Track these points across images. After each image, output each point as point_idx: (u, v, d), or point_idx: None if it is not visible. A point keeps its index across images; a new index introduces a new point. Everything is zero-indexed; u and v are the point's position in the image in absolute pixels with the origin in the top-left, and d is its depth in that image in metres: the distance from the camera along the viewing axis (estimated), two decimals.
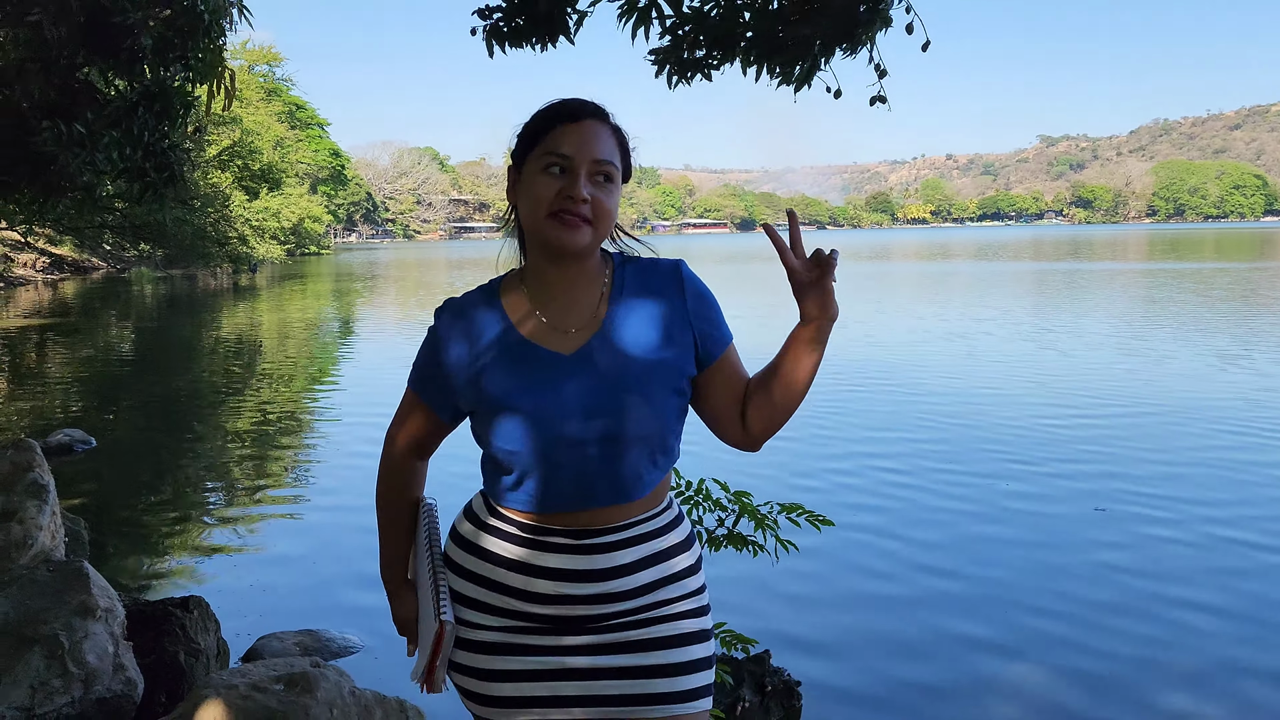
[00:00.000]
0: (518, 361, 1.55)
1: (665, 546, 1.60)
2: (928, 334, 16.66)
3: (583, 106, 1.58)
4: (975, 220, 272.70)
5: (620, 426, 1.52)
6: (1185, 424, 8.97)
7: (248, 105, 37.56)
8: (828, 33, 3.45)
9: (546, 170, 1.53)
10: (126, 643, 3.11)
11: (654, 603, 1.58)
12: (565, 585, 1.54)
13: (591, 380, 1.52)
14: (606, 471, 1.53)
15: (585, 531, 1.55)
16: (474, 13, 3.71)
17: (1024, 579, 5.29)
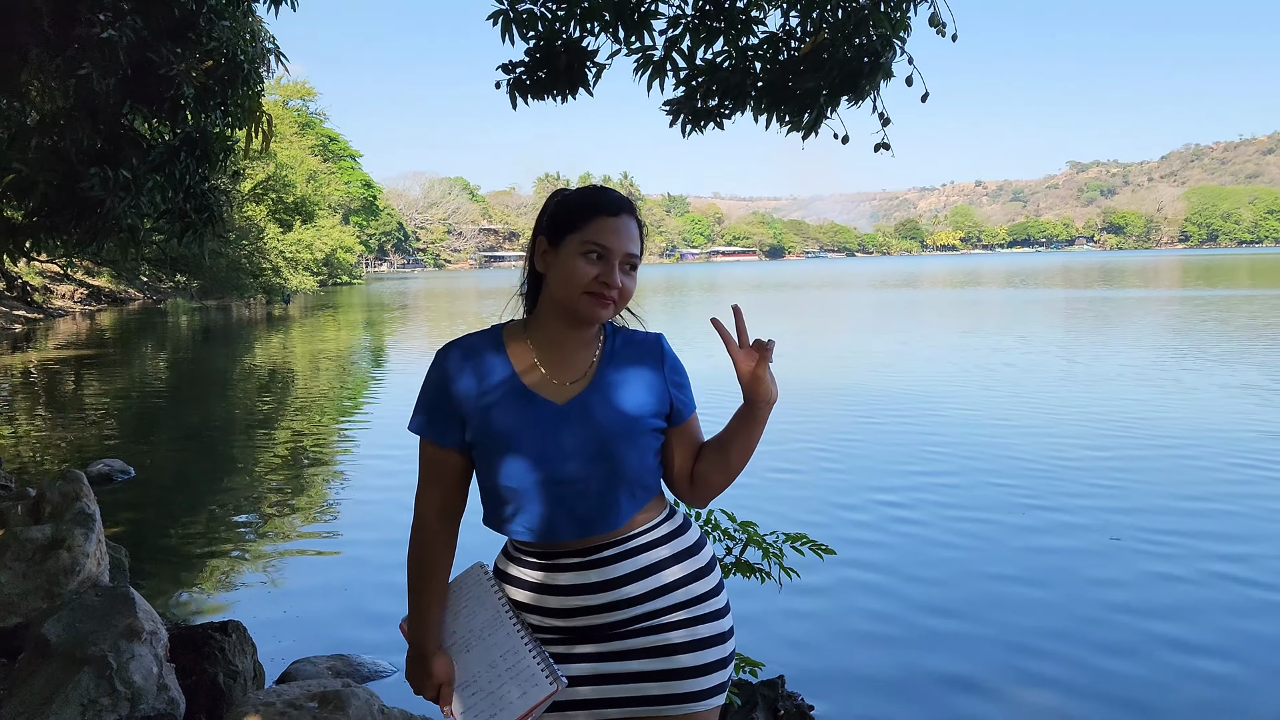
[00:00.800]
0: (520, 406, 1.77)
1: (668, 554, 1.80)
2: (950, 363, 16.70)
3: (620, 203, 1.82)
4: (1005, 247, 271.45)
5: (604, 469, 1.75)
6: (1207, 457, 8.98)
7: (282, 140, 38.42)
8: (833, 83, 3.63)
9: (586, 255, 1.76)
10: (169, 664, 3.29)
11: (664, 607, 1.77)
12: (578, 598, 1.75)
13: (582, 428, 1.76)
14: (592, 506, 1.75)
15: (587, 550, 1.76)
16: (499, 67, 3.91)
17: (1040, 613, 5.36)
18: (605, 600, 1.75)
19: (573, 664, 1.78)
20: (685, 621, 1.78)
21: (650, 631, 1.76)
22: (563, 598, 1.77)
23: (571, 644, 1.78)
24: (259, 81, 6.15)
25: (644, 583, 1.76)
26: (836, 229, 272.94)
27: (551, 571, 1.78)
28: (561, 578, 1.77)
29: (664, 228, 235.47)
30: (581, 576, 1.75)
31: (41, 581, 3.91)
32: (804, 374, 16.09)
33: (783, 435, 10.54)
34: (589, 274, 1.75)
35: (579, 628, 1.77)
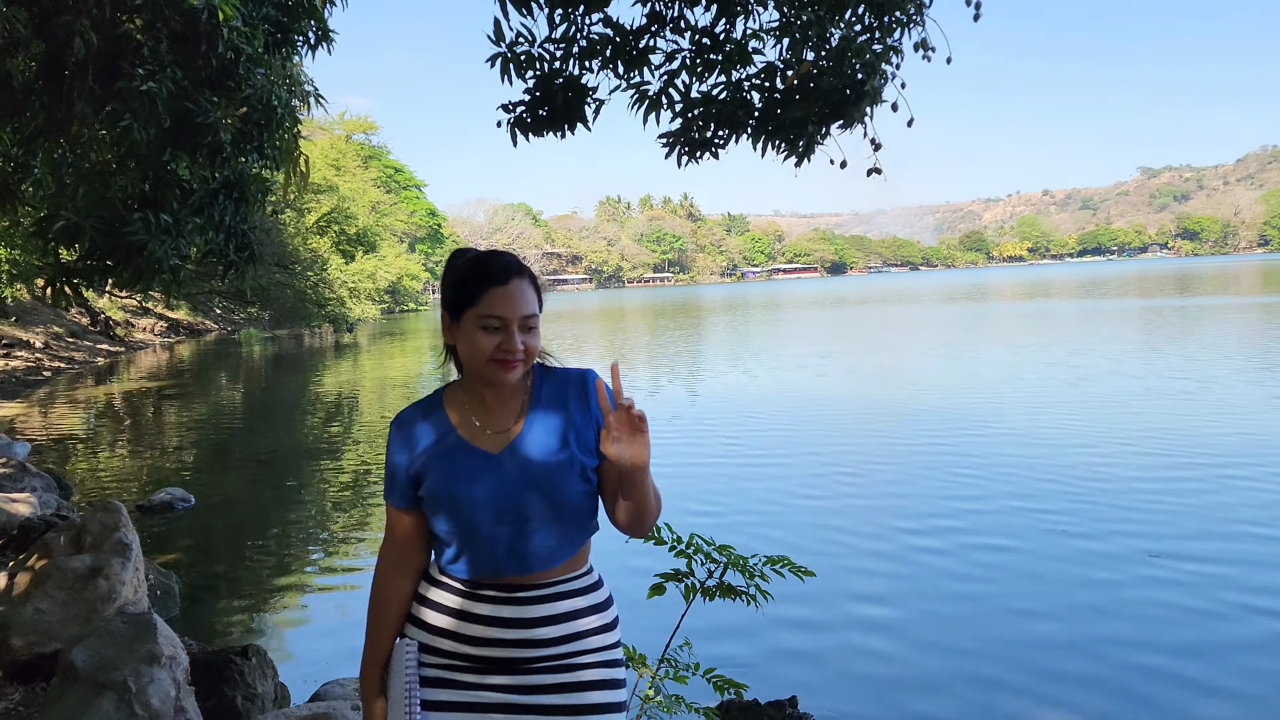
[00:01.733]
0: (455, 458, 1.89)
1: (582, 606, 1.92)
2: (1011, 379, 16.45)
3: (509, 269, 1.89)
4: (1075, 256, 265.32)
5: (535, 511, 1.86)
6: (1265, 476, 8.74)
7: (344, 173, 39.45)
8: (821, 112, 3.69)
9: (484, 329, 1.84)
10: (189, 687, 3.45)
11: (569, 652, 1.89)
12: (494, 630, 1.87)
13: (513, 474, 1.87)
14: (524, 548, 1.87)
15: (511, 586, 1.88)
16: (499, 107, 4.05)
17: (1072, 628, 5.30)
18: (519, 637, 1.86)
19: (484, 692, 1.87)
20: (595, 664, 1.90)
21: (562, 670, 1.88)
22: (479, 627, 1.87)
23: (484, 674, 1.88)
24: (294, 124, 6.39)
25: (557, 628, 1.87)
26: (899, 243, 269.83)
27: (472, 600, 1.88)
28: (480, 608, 1.87)
29: (724, 247, 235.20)
30: (499, 610, 1.86)
31: (80, 609, 4.12)
32: (848, 392, 16.00)
33: (807, 455, 10.53)
34: (490, 344, 1.83)
35: (491, 658, 1.87)
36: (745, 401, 15.26)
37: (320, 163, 34.13)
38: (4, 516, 6.53)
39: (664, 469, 9.71)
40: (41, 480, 8.63)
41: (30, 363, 25.22)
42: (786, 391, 16.22)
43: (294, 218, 30.87)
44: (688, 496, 8.59)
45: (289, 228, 30.41)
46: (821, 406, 14.32)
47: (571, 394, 1.94)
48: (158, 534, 8.17)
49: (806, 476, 9.41)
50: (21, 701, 3.96)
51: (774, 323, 39.74)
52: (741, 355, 24.48)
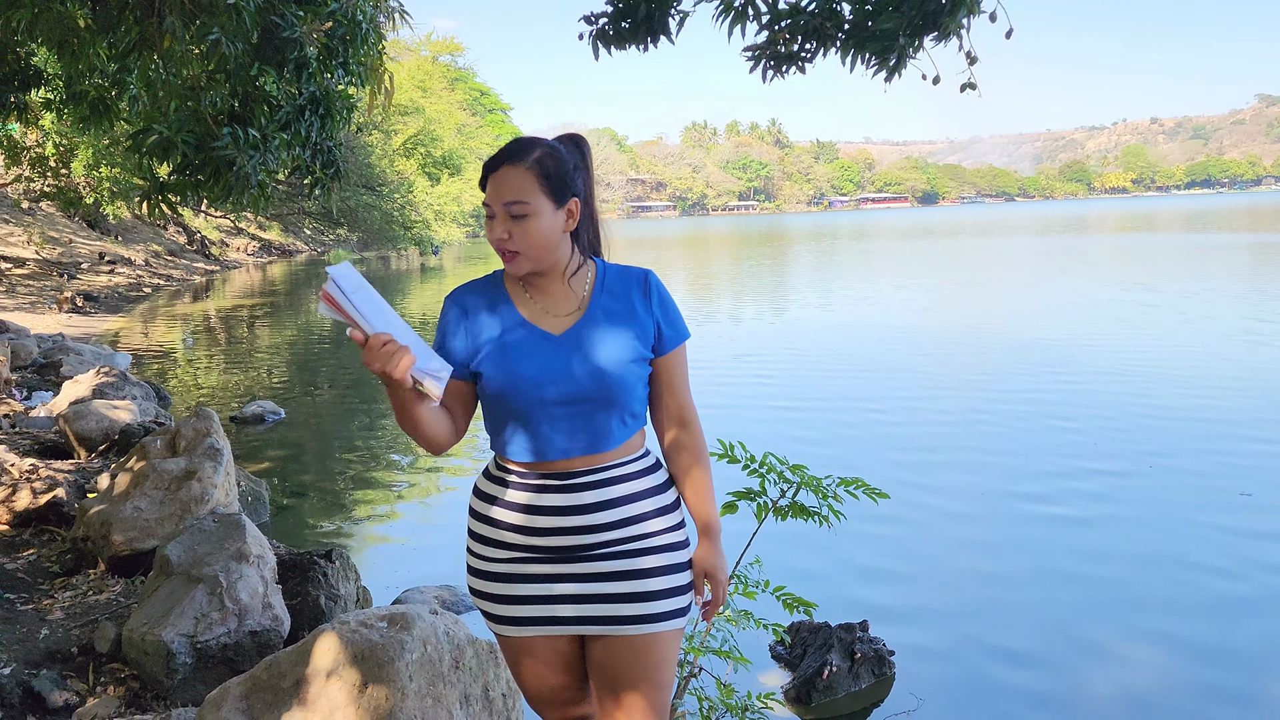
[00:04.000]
0: (519, 337, 1.92)
1: (643, 488, 1.96)
2: (1095, 308, 15.91)
3: (500, 156, 1.91)
4: (1182, 189, 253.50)
5: (592, 391, 1.89)
6: None
7: (430, 95, 39.52)
8: (914, 23, 3.54)
9: (488, 218, 1.91)
10: (276, 585, 3.59)
11: (636, 535, 1.93)
12: (554, 519, 1.91)
13: (576, 356, 1.91)
14: (585, 428, 1.91)
15: (570, 473, 1.92)
16: (581, 19, 3.97)
17: (1147, 564, 5.17)
18: (578, 523, 1.90)
19: (555, 584, 1.93)
20: (656, 549, 1.93)
21: (625, 555, 1.92)
22: (540, 517, 1.91)
23: (554, 563, 1.93)
24: (379, 40, 6.39)
25: (616, 511, 1.91)
26: (995, 173, 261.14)
27: (532, 492, 1.92)
28: (544, 498, 1.91)
29: (811, 175, 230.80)
30: (559, 499, 1.91)
31: (175, 509, 4.31)
32: (930, 326, 15.68)
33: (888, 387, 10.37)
34: (492, 232, 1.90)
35: (559, 547, 1.91)
36: (822, 334, 15.08)
37: (406, 84, 34.25)
38: (107, 422, 6.84)
39: (738, 397, 9.68)
40: (141, 390, 9.00)
41: (131, 279, 26.22)
42: (866, 325, 15.96)
43: (381, 139, 31.16)
44: (763, 421, 8.56)
45: (376, 149, 30.73)
46: (903, 340, 14.06)
47: (635, 288, 1.98)
48: (249, 444, 8.49)
49: (886, 409, 9.29)
50: (122, 593, 4.18)
51: (858, 253, 39.01)
52: (822, 287, 24.15)
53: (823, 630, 4.08)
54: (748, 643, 3.47)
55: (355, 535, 6.29)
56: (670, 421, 2.02)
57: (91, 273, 25.21)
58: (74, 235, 29.67)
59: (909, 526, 5.84)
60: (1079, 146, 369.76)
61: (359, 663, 2.55)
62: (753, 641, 3.87)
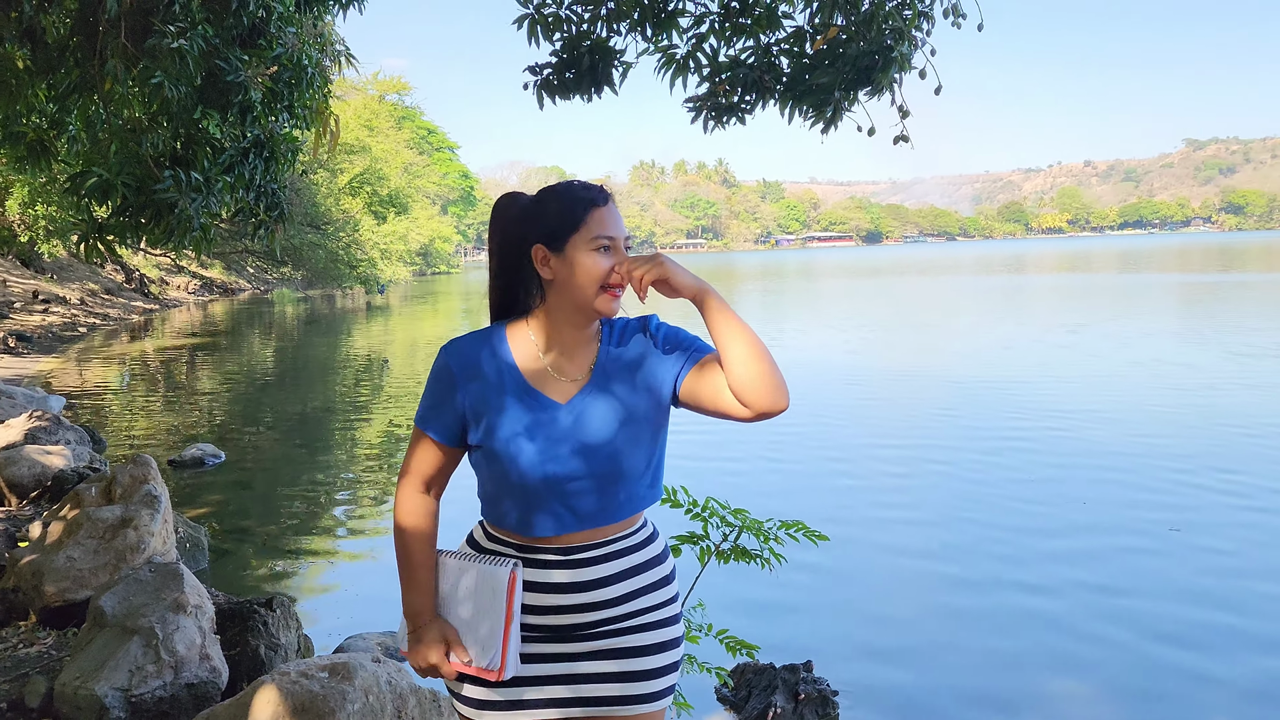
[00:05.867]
0: (524, 404, 1.80)
1: (641, 560, 1.86)
2: (1033, 346, 16.29)
3: (604, 190, 1.84)
4: (1115, 229, 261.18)
5: (605, 465, 1.79)
6: None
7: (377, 133, 39.47)
8: (849, 78, 3.66)
9: (597, 251, 1.77)
10: (214, 636, 3.54)
11: (632, 611, 1.84)
12: (551, 597, 1.80)
13: (585, 429, 1.79)
14: (592, 503, 1.80)
15: (570, 549, 1.81)
16: (525, 69, 4.04)
17: (1084, 594, 5.29)
18: (576, 602, 1.80)
19: (544, 664, 1.83)
20: (648, 625, 1.85)
21: (617, 634, 1.83)
22: (536, 595, 1.80)
23: (545, 643, 1.83)
24: (325, 84, 6.41)
25: (616, 587, 1.82)
26: (937, 213, 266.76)
27: (534, 568, 1.81)
28: (544, 574, 1.80)
29: (758, 214, 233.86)
30: (563, 575, 1.80)
31: (110, 558, 4.23)
32: (876, 364, 15.93)
33: (826, 424, 10.51)
34: (604, 267, 1.77)
35: (553, 626, 1.82)
36: None
37: (353, 123, 34.20)
38: (39, 468, 6.68)
39: (687, 438, 9.75)
40: (75, 433, 8.80)
41: (66, 318, 25.63)
42: (810, 365, 16.16)
43: (326, 178, 31.01)
44: (709, 463, 8.61)
45: (321, 188, 30.57)
46: (846, 381, 14.26)
47: (641, 340, 1.87)
48: (187, 488, 8.33)
49: (827, 450, 9.40)
50: (53, 645, 4.08)
51: (806, 292, 39.53)
52: (770, 326, 24.42)
53: (766, 672, 4.11)
54: (691, 687, 3.50)
55: (297, 581, 6.20)
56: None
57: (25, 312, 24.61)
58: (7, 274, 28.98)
59: (850, 567, 5.91)
60: (1016, 188, 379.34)
61: (299, 714, 2.53)
62: (696, 685, 3.90)
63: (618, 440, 1.79)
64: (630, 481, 1.82)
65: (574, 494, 1.78)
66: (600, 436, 1.78)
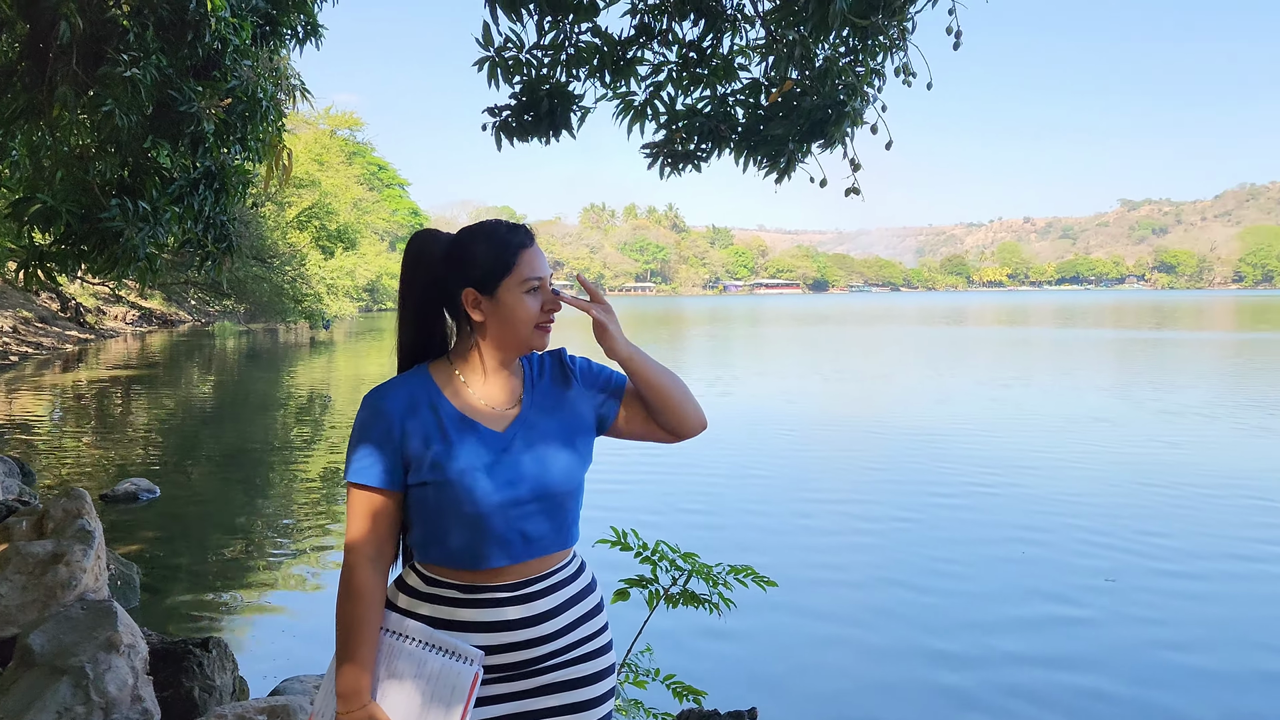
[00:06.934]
0: (465, 437, 1.81)
1: (579, 590, 1.89)
2: (971, 399, 16.59)
3: (529, 230, 1.91)
4: (1053, 284, 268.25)
5: (552, 488, 1.83)
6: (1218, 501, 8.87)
7: (327, 168, 39.22)
8: (803, 130, 3.74)
9: (529, 292, 1.84)
10: (147, 677, 3.43)
11: (575, 641, 1.85)
12: (500, 635, 1.79)
13: (526, 451, 1.83)
14: (542, 528, 1.83)
15: (519, 583, 1.81)
16: (485, 110, 4.07)
17: (1029, 644, 5.36)
18: (534, 635, 1.80)
19: (497, 705, 1.80)
20: (589, 655, 1.86)
21: (562, 666, 1.83)
22: (483, 635, 1.78)
23: (499, 683, 1.80)
24: (279, 117, 6.38)
25: (564, 617, 1.83)
26: (882, 263, 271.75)
27: (483, 608, 1.79)
28: (495, 613, 1.79)
29: (707, 260, 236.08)
30: (516, 611, 1.79)
31: (40, 594, 4.09)
32: (822, 411, 16.09)
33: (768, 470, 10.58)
34: (535, 308, 1.84)
35: (508, 664, 1.80)
36: (718, 416, 15.31)
37: (303, 157, 33.96)
38: None
39: (630, 484, 9.73)
40: (4, 465, 8.54)
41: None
42: (757, 412, 16.28)
43: (274, 211, 30.69)
44: (656, 508, 8.59)
45: (269, 221, 30.23)
46: (793, 429, 14.38)
47: (560, 372, 1.96)
48: (121, 524, 8.10)
49: (777, 496, 9.46)
50: None
51: (753, 339, 39.87)
52: (717, 372, 24.57)
53: (712, 718, 4.08)
54: None
55: (233, 621, 6.04)
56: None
57: None
58: None
59: (799, 614, 5.92)
60: (959, 241, 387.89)
61: None
62: None
63: (558, 464, 1.84)
64: (573, 505, 1.87)
65: (526, 518, 1.80)
66: (543, 461, 1.82)
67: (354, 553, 1.81)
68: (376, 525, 1.81)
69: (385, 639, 1.82)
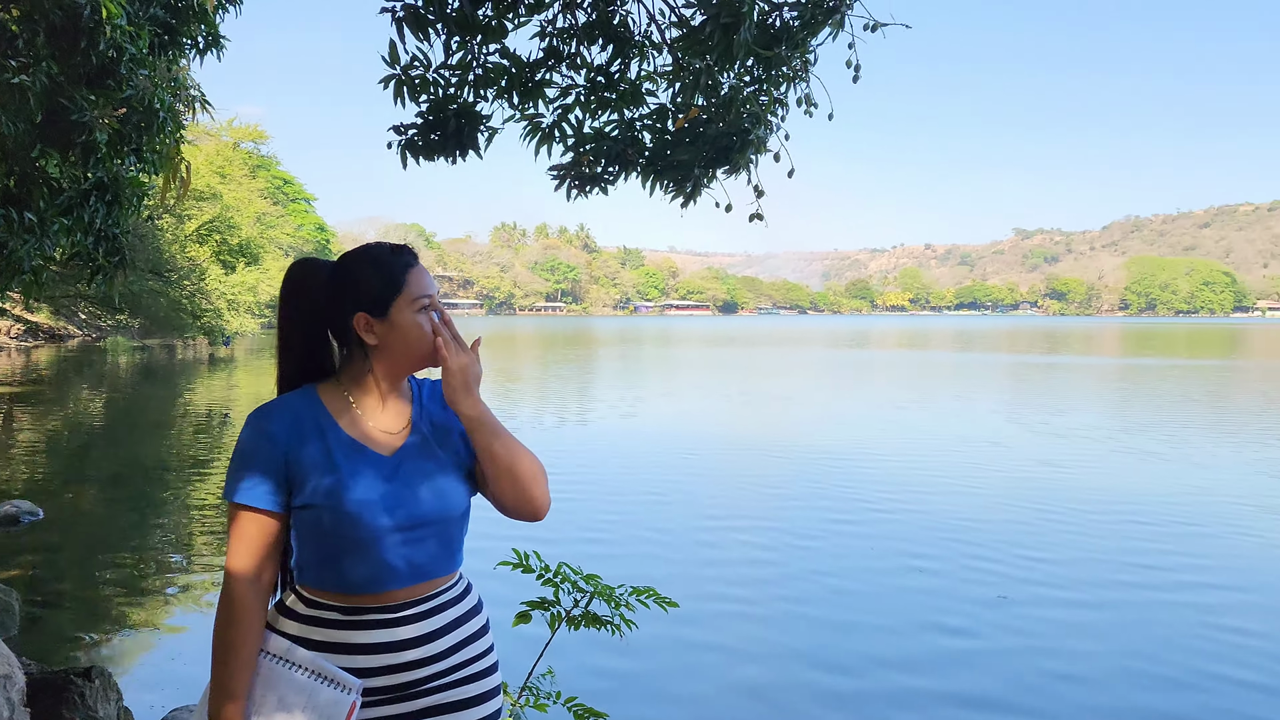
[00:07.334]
0: (354, 459, 1.79)
1: (465, 611, 1.88)
2: (871, 422, 17.00)
3: (413, 250, 1.92)
4: (952, 309, 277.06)
5: (441, 511, 1.82)
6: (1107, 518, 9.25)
7: (230, 181, 38.20)
8: (708, 156, 3.81)
9: (421, 311, 1.84)
10: (24, 709, 3.27)
11: (460, 663, 1.84)
12: (381, 657, 1.77)
13: (414, 476, 1.82)
14: (432, 550, 1.82)
15: (399, 606, 1.79)
16: (390, 129, 4.03)
17: (919, 664, 5.49)
18: (406, 659, 1.77)
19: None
20: (474, 676, 1.85)
21: (446, 688, 1.81)
22: (365, 657, 1.76)
23: (382, 705, 1.78)
24: (177, 129, 6.21)
25: (449, 637, 1.82)
26: (789, 286, 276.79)
27: (354, 629, 1.77)
28: (365, 635, 1.77)
29: (618, 280, 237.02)
30: (406, 631, 1.78)
31: None
32: (726, 432, 16.28)
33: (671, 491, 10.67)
34: (428, 326, 1.84)
35: (392, 686, 1.78)
36: (619, 441, 15.38)
37: (205, 169, 33.02)
38: None
39: None
40: None
41: None
42: (662, 433, 16.39)
43: (173, 224, 29.71)
44: (559, 530, 8.57)
45: (167, 234, 29.26)
46: (698, 447, 14.52)
47: (439, 394, 1.96)
48: (0, 548, 7.72)
49: (678, 513, 9.52)
50: None
51: (662, 360, 40.12)
52: (625, 392, 24.67)
53: None
54: None
55: (118, 649, 5.80)
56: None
57: None
58: None
59: (698, 634, 5.95)
60: (863, 266, 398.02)
61: None
62: None
63: (447, 487, 1.84)
64: (460, 530, 1.88)
65: (413, 543, 1.79)
66: (432, 486, 1.82)
67: (234, 576, 1.77)
68: (258, 548, 1.78)
69: (271, 665, 1.78)
